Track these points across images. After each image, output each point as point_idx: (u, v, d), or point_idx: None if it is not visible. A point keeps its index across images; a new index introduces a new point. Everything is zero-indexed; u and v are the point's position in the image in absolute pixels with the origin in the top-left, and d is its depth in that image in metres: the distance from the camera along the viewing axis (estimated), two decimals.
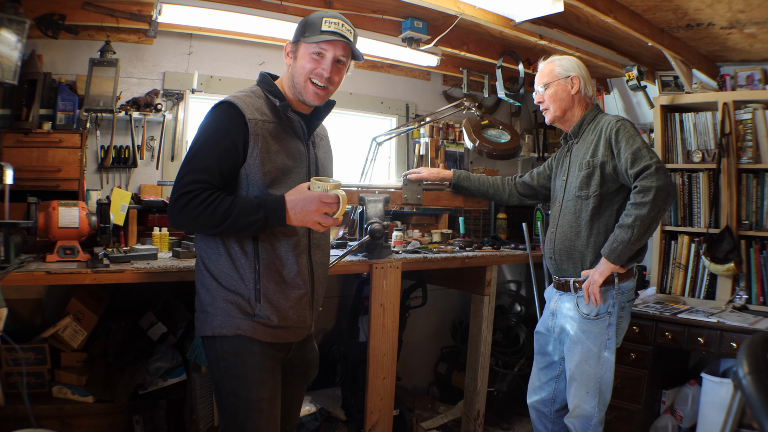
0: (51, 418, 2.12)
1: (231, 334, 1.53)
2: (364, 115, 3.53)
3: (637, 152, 1.96)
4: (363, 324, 2.91)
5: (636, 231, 1.93)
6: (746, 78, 3.02)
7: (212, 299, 1.55)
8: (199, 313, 1.59)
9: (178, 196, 1.44)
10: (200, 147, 1.49)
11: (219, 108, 1.51)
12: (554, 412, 2.27)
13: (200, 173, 1.45)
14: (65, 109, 2.39)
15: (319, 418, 2.58)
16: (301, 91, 1.58)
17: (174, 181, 1.49)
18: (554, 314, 2.22)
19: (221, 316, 1.53)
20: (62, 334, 2.22)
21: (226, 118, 1.49)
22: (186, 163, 1.48)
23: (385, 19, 2.84)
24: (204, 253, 1.57)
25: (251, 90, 1.59)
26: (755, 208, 2.89)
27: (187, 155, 1.50)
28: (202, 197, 1.43)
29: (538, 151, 3.95)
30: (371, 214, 2.41)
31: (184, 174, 1.46)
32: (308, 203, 1.46)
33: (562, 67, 2.18)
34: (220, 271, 1.54)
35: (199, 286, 1.59)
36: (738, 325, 2.48)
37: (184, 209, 1.43)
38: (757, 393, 0.95)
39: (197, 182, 1.44)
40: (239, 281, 1.53)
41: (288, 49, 1.62)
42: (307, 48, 1.56)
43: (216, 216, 1.43)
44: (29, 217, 1.93)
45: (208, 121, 1.52)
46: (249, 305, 1.54)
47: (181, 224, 1.51)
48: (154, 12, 2.25)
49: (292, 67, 1.60)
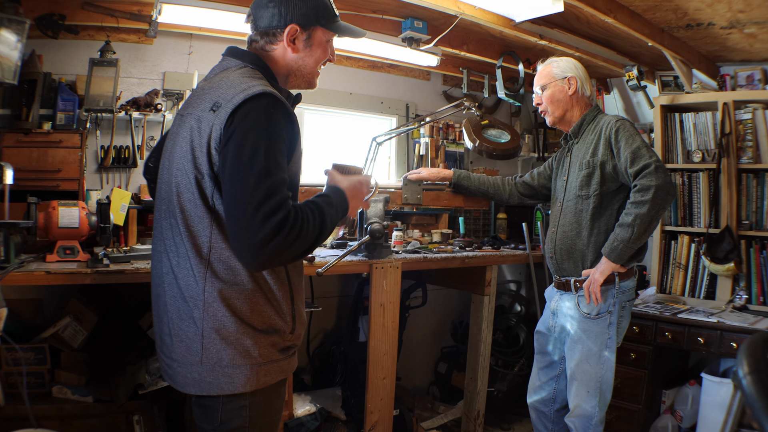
0: (51, 418, 2.12)
1: (273, 382, 1.31)
2: (364, 115, 3.53)
3: (637, 151, 1.96)
4: (363, 324, 2.91)
5: (636, 230, 1.93)
6: (746, 78, 3.02)
7: (246, 348, 1.26)
8: (215, 368, 1.25)
9: (274, 228, 1.10)
10: (273, 155, 1.16)
11: (268, 103, 1.19)
12: (554, 411, 2.27)
13: (282, 188, 1.15)
14: (65, 109, 2.39)
15: (319, 418, 2.58)
16: (308, 79, 1.41)
17: (242, 207, 1.12)
18: (555, 314, 2.22)
19: (267, 365, 1.28)
20: (62, 334, 2.22)
21: (284, 116, 1.21)
22: (259, 178, 1.12)
23: (385, 19, 2.84)
24: (226, 294, 1.24)
25: (256, 76, 1.30)
26: (755, 208, 2.89)
27: (257, 167, 1.13)
28: (294, 218, 1.14)
29: (538, 151, 3.95)
30: (371, 214, 2.41)
31: (266, 195, 1.11)
32: (359, 189, 1.38)
33: (559, 68, 2.19)
34: (254, 311, 1.26)
35: (217, 338, 1.24)
36: (738, 325, 2.48)
37: (285, 242, 1.12)
38: (757, 393, 0.95)
39: (285, 201, 1.14)
40: (277, 317, 1.30)
41: (294, 34, 1.34)
42: (325, 36, 1.39)
43: (312, 234, 1.19)
44: (29, 217, 1.93)
45: (266, 119, 1.18)
46: (284, 340, 1.33)
47: (281, 260, 1.19)
48: (154, 12, 2.25)
49: (305, 56, 1.37)
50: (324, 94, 3.26)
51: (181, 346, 1.27)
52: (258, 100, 1.18)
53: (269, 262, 1.18)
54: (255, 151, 1.14)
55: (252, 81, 1.23)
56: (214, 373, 1.25)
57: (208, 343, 1.25)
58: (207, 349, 1.25)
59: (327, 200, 1.29)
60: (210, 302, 1.24)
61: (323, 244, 2.76)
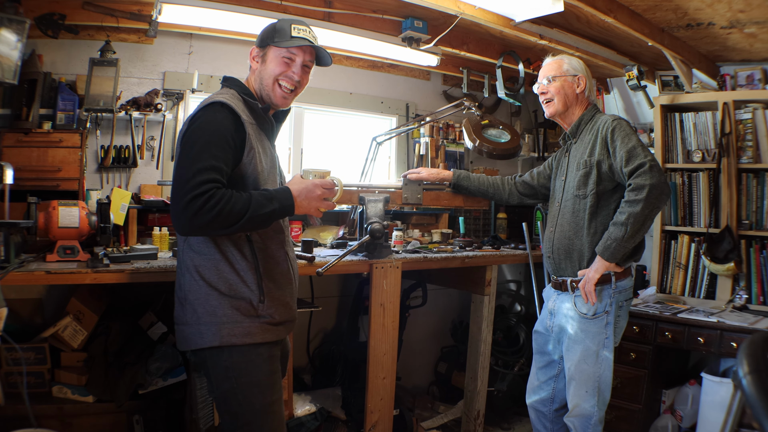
0: (51, 418, 2.12)
1: (240, 342, 1.51)
2: (364, 115, 3.53)
3: (632, 150, 1.97)
4: (363, 324, 2.91)
5: (629, 228, 1.94)
6: (746, 78, 3.02)
7: (213, 309, 1.52)
8: (193, 326, 1.53)
9: (192, 198, 1.37)
10: (204, 146, 1.43)
11: (213, 108, 1.49)
12: (553, 411, 2.27)
13: (210, 172, 1.40)
14: (65, 108, 2.39)
15: (319, 417, 2.58)
16: (269, 93, 1.63)
17: (176, 183, 1.43)
18: (552, 314, 2.22)
19: (229, 324, 1.51)
20: (62, 334, 2.22)
21: (224, 117, 1.48)
22: (191, 163, 1.41)
23: (385, 18, 2.84)
24: (197, 263, 1.53)
25: (228, 92, 1.58)
26: (755, 207, 2.89)
27: (189, 155, 1.43)
28: (218, 196, 1.38)
29: (538, 151, 3.95)
30: (371, 214, 2.41)
31: (193, 174, 1.39)
32: (311, 190, 1.55)
33: (571, 66, 2.20)
34: (220, 278, 1.52)
35: (193, 298, 1.53)
36: (738, 325, 2.48)
37: (202, 211, 1.37)
38: (757, 393, 0.95)
39: (210, 182, 1.39)
40: (241, 285, 1.53)
41: (254, 54, 1.65)
42: (277, 52, 1.61)
43: (235, 213, 1.40)
44: (29, 217, 1.93)
45: (205, 120, 1.47)
46: (252, 307, 1.54)
47: (199, 227, 1.41)
48: (154, 12, 2.25)
49: (260, 71, 1.63)
50: (324, 94, 3.26)
51: (177, 309, 1.59)
52: (208, 107, 1.49)
53: (192, 229, 1.42)
54: (192, 144, 1.44)
55: (216, 96, 1.53)
56: (192, 329, 1.53)
57: (188, 304, 1.54)
58: (188, 310, 1.54)
59: (265, 193, 1.49)
60: (189, 269, 1.55)
61: (323, 244, 2.76)
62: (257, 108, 1.61)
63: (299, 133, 3.28)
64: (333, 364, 3.00)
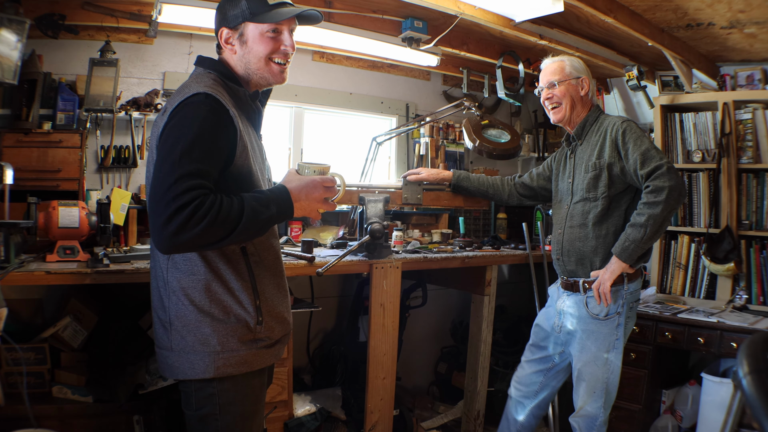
0: (51, 418, 2.11)
1: (236, 372, 1.35)
2: (364, 115, 3.53)
3: (647, 153, 1.97)
4: (363, 324, 2.91)
5: (649, 230, 1.94)
6: (746, 78, 3.01)
7: (205, 337, 1.33)
8: (181, 354, 1.34)
9: (176, 209, 1.15)
10: (188, 147, 1.21)
11: (198, 101, 1.26)
12: (532, 407, 2.28)
13: (195, 178, 1.19)
14: (65, 109, 2.39)
15: (319, 418, 2.58)
16: (263, 74, 1.42)
17: (155, 193, 1.20)
18: (561, 314, 2.21)
19: (225, 354, 1.33)
20: (62, 334, 2.22)
21: (210, 112, 1.26)
22: (172, 167, 1.18)
23: (385, 19, 2.84)
24: (184, 284, 1.33)
25: (208, 78, 1.37)
26: (755, 208, 2.88)
27: (170, 158, 1.20)
28: (206, 205, 1.17)
29: (538, 151, 3.95)
30: (371, 214, 2.41)
31: (175, 180, 1.17)
32: (312, 189, 1.35)
33: (573, 68, 2.19)
34: (213, 300, 1.33)
35: (180, 325, 1.34)
36: (738, 325, 2.48)
37: (188, 225, 1.15)
38: (757, 393, 0.95)
39: (196, 188, 1.18)
40: (237, 306, 1.35)
41: (226, 36, 1.41)
42: (259, 29, 1.38)
43: (227, 223, 1.20)
44: (29, 217, 1.93)
45: (187, 115, 1.25)
46: (249, 330, 1.37)
47: (184, 244, 1.19)
48: (154, 12, 2.25)
49: (243, 54, 1.41)
50: (324, 94, 3.26)
51: (159, 332, 1.40)
52: (191, 99, 1.26)
53: (176, 246, 1.20)
54: (174, 146, 1.22)
55: (197, 85, 1.31)
56: (180, 358, 1.35)
57: (174, 329, 1.35)
58: (174, 336, 1.35)
59: (259, 196, 1.30)
60: (174, 291, 1.34)
61: (323, 244, 2.76)
62: (244, 95, 1.42)
63: (299, 133, 3.28)
64: (333, 364, 3.00)
